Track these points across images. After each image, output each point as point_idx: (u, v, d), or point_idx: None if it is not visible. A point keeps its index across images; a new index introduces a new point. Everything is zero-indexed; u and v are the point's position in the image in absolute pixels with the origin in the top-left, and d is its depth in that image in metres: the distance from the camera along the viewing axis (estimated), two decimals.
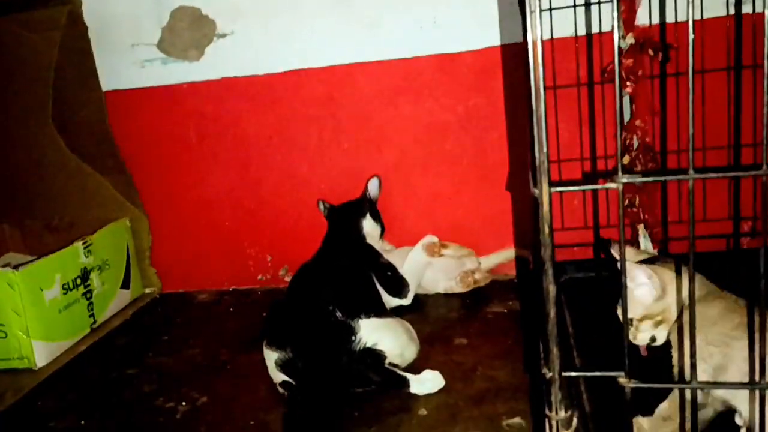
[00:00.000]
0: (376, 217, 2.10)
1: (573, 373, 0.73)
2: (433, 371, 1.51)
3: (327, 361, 1.49)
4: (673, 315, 1.18)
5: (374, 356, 1.50)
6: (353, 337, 1.50)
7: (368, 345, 1.49)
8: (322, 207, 2.15)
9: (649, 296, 1.18)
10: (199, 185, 2.29)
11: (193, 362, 1.81)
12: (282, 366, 1.50)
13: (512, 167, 2.08)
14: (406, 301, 1.95)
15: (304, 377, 1.48)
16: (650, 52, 1.67)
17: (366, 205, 2.10)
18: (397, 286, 1.94)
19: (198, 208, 2.31)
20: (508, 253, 2.13)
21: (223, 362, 1.78)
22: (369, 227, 2.07)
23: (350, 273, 1.83)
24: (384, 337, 1.53)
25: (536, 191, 0.74)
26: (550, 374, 0.72)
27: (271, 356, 1.53)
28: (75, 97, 2.24)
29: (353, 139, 2.17)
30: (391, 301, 1.93)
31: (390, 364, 1.52)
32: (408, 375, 1.49)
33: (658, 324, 1.20)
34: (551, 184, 0.74)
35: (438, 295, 2.05)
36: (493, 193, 2.11)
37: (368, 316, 1.56)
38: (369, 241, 2.04)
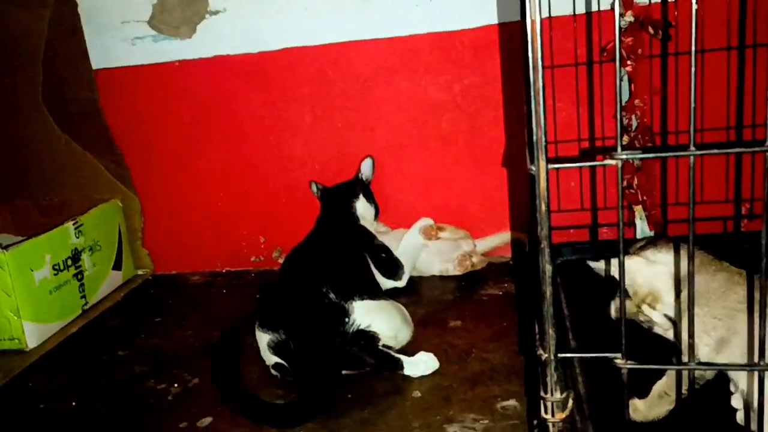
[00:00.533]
0: (370, 198, 2.07)
1: (568, 355, 0.71)
2: (428, 353, 1.49)
3: (320, 342, 1.48)
4: (666, 296, 1.16)
5: (368, 338, 1.48)
6: (347, 319, 1.48)
7: (362, 327, 1.48)
8: (314, 188, 2.12)
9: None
10: (191, 166, 2.26)
11: (185, 344, 1.79)
12: (274, 348, 1.48)
13: (508, 147, 2.05)
14: (401, 283, 1.93)
15: (297, 359, 1.46)
16: (650, 30, 1.64)
17: (359, 186, 2.07)
18: (392, 267, 1.92)
19: (190, 188, 2.29)
20: (503, 236, 2.11)
21: (215, 344, 1.76)
22: (362, 208, 2.04)
23: (344, 254, 1.81)
24: (377, 318, 1.51)
25: (533, 168, 0.72)
26: (546, 356, 0.70)
27: (263, 338, 1.51)
28: (65, 76, 2.20)
29: (347, 119, 2.14)
30: (385, 283, 1.92)
31: (384, 346, 1.51)
32: (402, 357, 1.47)
33: (643, 305, 1.18)
34: (548, 161, 0.71)
35: (433, 278, 2.04)
36: (489, 174, 2.09)
37: (362, 298, 1.54)
38: (362, 222, 2.02)
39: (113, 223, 2.23)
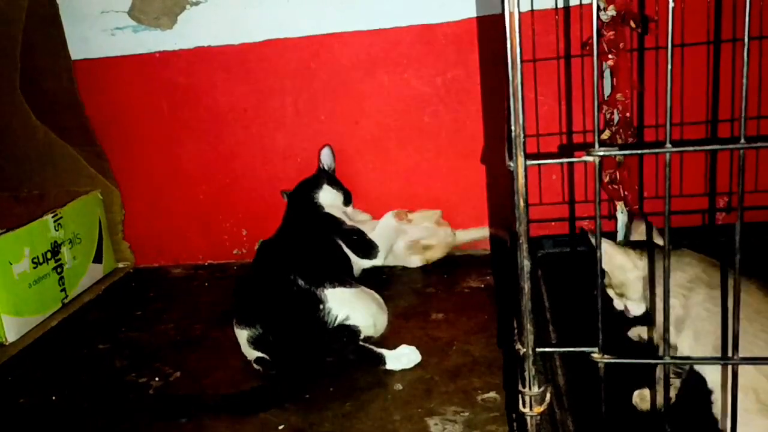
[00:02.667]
0: (336, 186, 2.05)
1: (546, 349, 0.72)
2: (410, 346, 1.50)
3: (297, 332, 1.48)
4: (636, 290, 1.19)
5: (350, 333, 1.49)
6: (321, 306, 1.49)
7: (340, 320, 1.48)
8: (285, 197, 2.12)
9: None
10: (172, 158, 2.25)
11: (166, 337, 1.78)
12: (254, 343, 1.48)
13: (489, 141, 2.06)
14: (378, 261, 1.93)
15: (277, 351, 1.47)
16: (632, 24, 1.64)
17: (321, 176, 2.06)
18: (365, 247, 1.91)
19: (171, 181, 2.27)
20: (483, 231, 2.12)
21: (197, 337, 1.76)
22: (328, 197, 2.02)
23: (310, 242, 1.82)
24: (354, 308, 1.52)
25: (512, 164, 0.72)
26: (524, 350, 0.70)
27: (242, 335, 1.51)
28: (43, 66, 2.17)
29: (330, 111, 2.13)
30: (362, 264, 1.92)
31: (364, 338, 1.51)
32: (384, 351, 1.48)
33: (620, 295, 1.21)
34: (527, 157, 0.72)
35: (415, 270, 2.04)
36: (470, 167, 2.09)
37: (333, 285, 1.55)
38: (332, 209, 1.99)
39: (93, 215, 2.21)
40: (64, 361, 1.73)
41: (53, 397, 1.54)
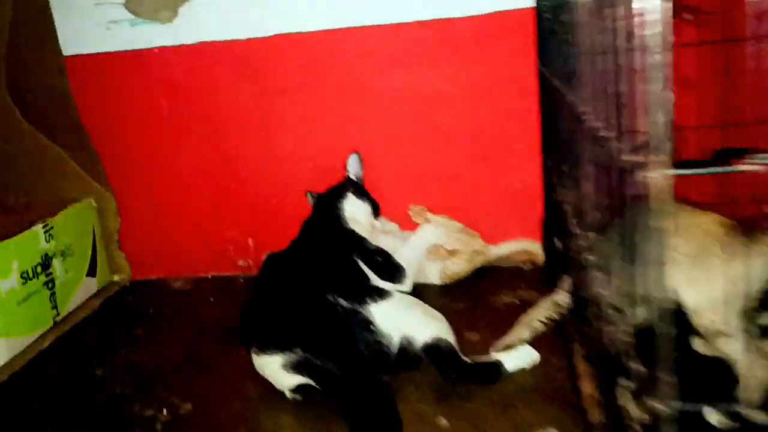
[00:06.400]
0: (362, 196, 1.89)
1: (693, 408, 0.57)
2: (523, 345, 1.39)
3: (353, 353, 1.36)
4: None
5: (447, 354, 1.36)
6: (371, 326, 1.36)
7: (428, 342, 1.36)
8: (310, 198, 1.95)
9: None
10: (171, 161, 2.10)
11: (170, 360, 1.63)
12: (294, 368, 1.34)
13: (513, 143, 1.92)
14: (404, 287, 1.78)
15: (328, 374, 1.33)
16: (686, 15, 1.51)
17: (348, 184, 1.90)
18: (390, 270, 1.74)
19: (171, 186, 2.12)
20: (519, 245, 1.98)
21: (205, 359, 1.61)
22: (353, 208, 1.85)
23: (336, 259, 1.66)
24: (428, 324, 1.40)
25: (645, 174, 0.57)
26: (663, 408, 0.56)
27: (270, 361, 1.36)
28: (32, 62, 2.01)
29: (341, 112, 1.99)
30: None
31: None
32: (496, 355, 1.38)
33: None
34: (674, 165, 0.57)
35: (437, 285, 1.90)
36: (495, 174, 1.96)
37: (375, 300, 1.42)
38: (353, 225, 1.82)
39: (87, 225, 2.05)
40: (59, 388, 1.57)
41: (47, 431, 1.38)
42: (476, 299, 1.77)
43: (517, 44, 1.84)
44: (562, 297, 1.41)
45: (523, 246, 1.99)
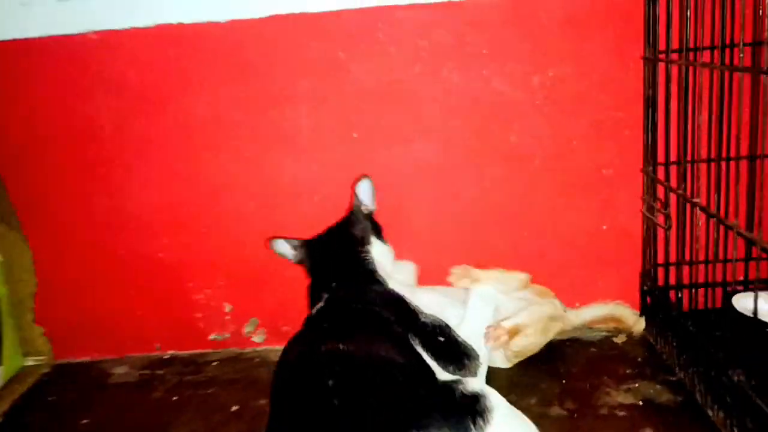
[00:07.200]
0: (381, 235, 1.42)
1: None
2: None
3: None
4: None
5: None
6: None
7: None
8: (282, 248, 1.42)
9: None
10: (114, 196, 1.55)
11: None
12: None
13: (608, 166, 1.45)
14: (478, 379, 1.22)
15: None
16: None
17: (365, 222, 1.41)
18: (457, 353, 1.23)
19: (113, 231, 1.57)
20: (609, 308, 1.49)
21: None
22: (380, 256, 1.37)
23: (390, 347, 1.12)
24: None
25: None
26: None
27: None
28: None
29: (368, 125, 1.48)
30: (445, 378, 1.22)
31: None
32: None
33: None
34: None
35: (500, 369, 1.36)
36: (581, 210, 1.48)
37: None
38: (389, 278, 1.32)
39: None
40: None
41: None
42: (573, 395, 1.25)
43: (617, 33, 1.38)
44: None
45: (610, 310, 1.51)
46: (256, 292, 1.56)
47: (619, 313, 1.49)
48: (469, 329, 1.27)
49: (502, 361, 1.37)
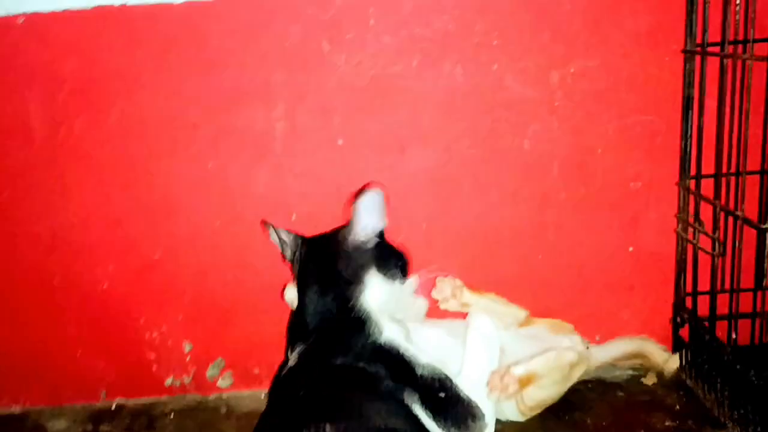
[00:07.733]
0: (390, 264, 1.10)
1: None
2: None
3: None
4: None
5: None
6: None
7: None
8: (279, 236, 1.13)
9: None
10: (47, 214, 1.29)
11: None
12: None
13: (638, 182, 1.26)
14: None
15: None
16: None
17: (354, 259, 1.08)
18: (461, 412, 1.01)
19: (45, 254, 1.31)
20: (637, 344, 1.30)
21: None
22: (381, 295, 1.07)
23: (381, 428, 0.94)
24: None
25: None
26: None
27: None
28: None
29: (355, 129, 1.25)
30: None
31: None
32: None
33: None
34: None
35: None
36: (604, 227, 1.28)
37: None
38: (389, 321, 1.06)
39: None
40: None
41: None
42: None
43: (651, 20, 1.19)
44: None
45: (638, 345, 1.31)
46: (221, 328, 1.32)
47: (646, 349, 1.30)
48: (469, 378, 1.05)
49: (514, 414, 1.15)
